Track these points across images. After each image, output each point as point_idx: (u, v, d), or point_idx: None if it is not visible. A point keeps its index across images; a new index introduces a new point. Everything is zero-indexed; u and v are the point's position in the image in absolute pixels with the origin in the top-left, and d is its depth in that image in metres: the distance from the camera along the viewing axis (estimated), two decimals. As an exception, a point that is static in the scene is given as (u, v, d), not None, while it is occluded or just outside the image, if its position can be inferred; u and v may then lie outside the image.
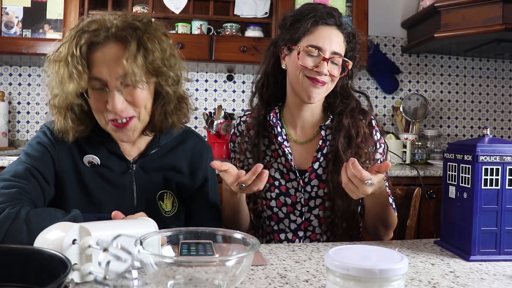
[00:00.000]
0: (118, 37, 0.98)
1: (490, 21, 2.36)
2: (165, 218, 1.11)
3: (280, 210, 1.27)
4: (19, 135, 2.77)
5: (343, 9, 2.56)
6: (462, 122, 3.07)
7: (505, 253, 0.94)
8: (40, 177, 1.02)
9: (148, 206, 1.09)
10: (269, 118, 1.29)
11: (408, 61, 3.02)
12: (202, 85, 2.88)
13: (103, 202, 1.07)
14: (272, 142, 1.30)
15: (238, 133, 1.35)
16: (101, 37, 0.97)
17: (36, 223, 0.87)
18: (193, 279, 0.66)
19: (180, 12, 2.50)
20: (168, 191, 1.14)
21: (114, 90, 0.98)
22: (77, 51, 0.96)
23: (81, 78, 0.95)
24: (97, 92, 0.99)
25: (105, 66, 0.97)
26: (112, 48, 0.98)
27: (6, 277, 0.62)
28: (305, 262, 0.91)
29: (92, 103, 1.01)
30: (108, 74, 0.97)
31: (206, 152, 1.22)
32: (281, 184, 1.28)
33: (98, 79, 0.98)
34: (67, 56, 0.97)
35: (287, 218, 1.27)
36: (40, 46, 2.37)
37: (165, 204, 1.13)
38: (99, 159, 1.08)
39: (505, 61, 3.09)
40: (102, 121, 1.03)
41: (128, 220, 0.88)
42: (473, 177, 0.94)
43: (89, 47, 0.97)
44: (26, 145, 1.09)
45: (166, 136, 1.14)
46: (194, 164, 1.18)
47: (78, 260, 0.71)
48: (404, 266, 0.58)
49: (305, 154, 1.29)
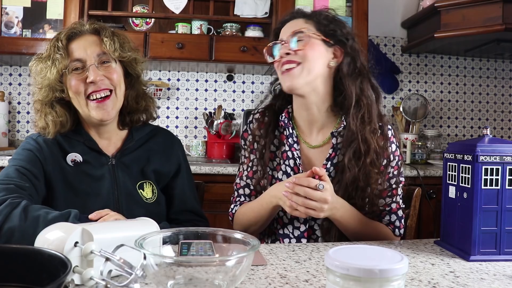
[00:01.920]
0: (93, 30, 1.20)
1: (490, 21, 2.36)
2: (147, 205, 1.20)
3: (285, 215, 1.24)
4: (19, 135, 2.77)
5: (343, 9, 2.56)
6: (462, 122, 3.07)
7: (505, 253, 0.94)
8: (30, 175, 1.10)
9: (130, 195, 1.19)
10: (281, 118, 1.26)
11: (408, 61, 3.02)
12: (202, 85, 2.88)
13: (88, 194, 1.15)
14: (282, 143, 1.27)
15: (250, 131, 1.32)
16: (78, 29, 1.18)
17: (32, 211, 0.96)
18: (193, 279, 0.66)
19: (180, 12, 2.50)
20: (146, 181, 1.23)
21: (93, 65, 1.15)
22: (58, 43, 1.14)
23: (62, 60, 1.13)
24: (77, 72, 1.15)
25: (83, 49, 1.16)
26: (89, 37, 1.18)
27: (6, 277, 0.62)
28: (305, 262, 0.91)
29: (73, 86, 1.15)
30: (86, 54, 1.15)
31: (176, 142, 1.35)
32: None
33: (78, 59, 1.15)
34: (48, 51, 1.16)
35: (291, 224, 1.23)
36: (40, 46, 2.36)
37: (145, 192, 1.22)
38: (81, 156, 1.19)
39: (505, 61, 3.09)
40: (83, 103, 1.16)
41: (129, 221, 0.88)
42: (473, 177, 0.94)
43: (68, 39, 1.16)
44: (13, 155, 1.18)
45: (139, 132, 1.28)
46: (167, 153, 1.29)
47: (79, 263, 0.70)
48: (404, 266, 0.58)
49: (315, 159, 1.25)
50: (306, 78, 1.17)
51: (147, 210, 1.16)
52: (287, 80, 1.17)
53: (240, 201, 1.30)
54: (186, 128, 2.88)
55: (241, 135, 1.36)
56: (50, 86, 1.15)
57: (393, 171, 1.22)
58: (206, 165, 2.19)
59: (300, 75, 1.16)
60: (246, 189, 1.29)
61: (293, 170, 1.24)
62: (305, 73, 1.16)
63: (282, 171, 1.26)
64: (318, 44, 1.18)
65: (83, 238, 0.72)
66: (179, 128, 2.87)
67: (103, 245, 0.69)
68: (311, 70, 1.17)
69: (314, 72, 1.17)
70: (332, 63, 1.20)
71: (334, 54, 1.20)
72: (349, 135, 1.18)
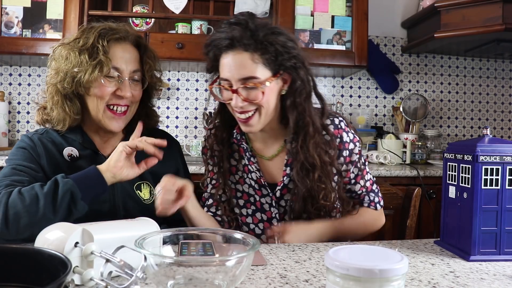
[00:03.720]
0: (136, 42, 1.21)
1: (490, 21, 2.36)
2: (145, 206, 1.20)
3: (257, 226, 1.25)
4: (19, 135, 2.77)
5: (343, 9, 2.56)
6: (462, 122, 3.07)
7: (505, 253, 0.94)
8: (28, 170, 1.11)
9: (128, 196, 1.20)
10: (233, 135, 1.24)
11: (408, 61, 3.02)
12: (202, 85, 2.88)
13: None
14: (242, 157, 1.25)
15: (208, 145, 1.29)
16: (123, 35, 1.18)
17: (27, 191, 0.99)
18: (193, 279, 0.66)
19: (180, 12, 2.50)
20: (144, 182, 1.24)
21: (128, 81, 1.17)
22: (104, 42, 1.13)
23: (107, 65, 1.12)
24: (109, 80, 1.15)
25: (124, 61, 1.17)
26: (130, 48, 1.19)
27: (6, 277, 0.62)
28: (305, 262, 0.91)
29: (100, 91, 1.15)
30: (126, 66, 1.17)
31: (174, 144, 1.34)
32: (256, 200, 1.25)
33: (116, 68, 1.16)
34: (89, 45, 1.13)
35: (264, 234, 1.22)
36: (40, 46, 2.37)
37: (143, 193, 1.22)
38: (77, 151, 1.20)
39: (505, 61, 3.09)
40: (101, 108, 1.16)
41: (129, 222, 0.88)
42: (473, 177, 0.94)
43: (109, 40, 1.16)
44: (9, 155, 1.18)
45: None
46: (165, 154, 1.27)
47: (79, 263, 0.71)
48: (404, 266, 0.58)
49: (274, 168, 1.24)
50: (265, 121, 1.14)
51: (145, 211, 1.16)
52: (246, 128, 1.14)
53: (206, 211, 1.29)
54: (186, 128, 2.88)
55: (201, 150, 1.34)
56: (79, 80, 1.12)
57: (357, 157, 1.23)
58: (206, 165, 2.18)
59: (258, 122, 1.13)
60: (210, 200, 1.30)
61: (257, 183, 1.23)
62: (263, 118, 1.13)
63: (247, 184, 1.25)
64: (271, 86, 1.10)
65: (83, 238, 0.72)
66: (179, 128, 2.87)
67: (103, 245, 0.69)
68: (268, 112, 1.13)
69: (270, 111, 1.13)
70: (283, 91, 1.15)
71: (284, 80, 1.14)
72: (293, 153, 1.16)
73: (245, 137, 1.26)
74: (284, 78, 1.14)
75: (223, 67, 1.11)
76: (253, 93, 1.09)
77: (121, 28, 1.19)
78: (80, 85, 1.13)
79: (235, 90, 1.09)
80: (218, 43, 1.10)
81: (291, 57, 1.10)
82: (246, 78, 1.08)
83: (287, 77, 1.13)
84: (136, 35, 1.22)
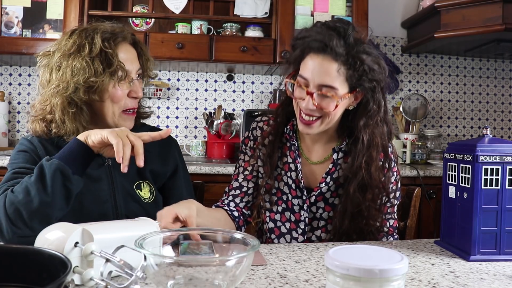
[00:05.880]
0: (133, 41, 1.21)
1: (490, 21, 2.36)
2: (145, 205, 1.20)
3: (284, 225, 1.25)
4: (19, 135, 2.77)
5: (343, 9, 2.56)
6: (462, 122, 3.07)
7: (505, 253, 0.94)
8: (29, 172, 1.08)
9: (128, 195, 1.18)
10: (286, 130, 1.25)
11: (408, 61, 3.02)
12: (202, 85, 2.88)
13: (85, 194, 1.12)
14: (285, 154, 1.26)
15: (252, 137, 1.31)
16: (121, 35, 1.16)
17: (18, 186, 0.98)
18: (193, 279, 0.66)
19: (180, 12, 2.50)
20: (144, 181, 1.23)
21: (138, 80, 1.18)
22: (108, 47, 1.11)
23: (121, 71, 1.12)
24: (122, 82, 1.15)
25: (130, 62, 1.16)
26: (130, 48, 1.19)
27: (6, 277, 0.62)
28: (305, 262, 0.91)
29: (117, 96, 1.14)
30: (132, 67, 1.16)
31: (173, 143, 1.33)
32: (288, 199, 1.25)
33: (127, 70, 1.15)
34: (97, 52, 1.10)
35: (289, 234, 1.24)
36: (40, 46, 2.37)
37: (143, 192, 1.22)
38: None
39: (505, 61, 3.09)
40: (116, 112, 1.16)
41: (129, 221, 0.88)
42: (473, 177, 0.94)
43: (115, 44, 1.14)
44: (9, 159, 1.16)
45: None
46: (164, 153, 1.29)
47: (79, 263, 0.70)
48: (404, 266, 0.58)
49: (315, 173, 1.25)
50: (324, 128, 1.16)
51: (146, 210, 1.17)
52: (304, 129, 1.15)
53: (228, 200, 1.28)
54: (186, 128, 2.88)
55: (242, 140, 1.35)
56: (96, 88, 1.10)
57: (392, 186, 1.24)
58: (206, 165, 2.19)
59: (319, 127, 1.15)
60: (238, 190, 1.29)
61: (294, 183, 1.24)
62: (323, 126, 1.15)
63: (283, 182, 1.26)
64: (344, 102, 1.12)
65: (83, 238, 0.72)
66: (179, 128, 2.87)
67: (103, 245, 0.69)
68: (331, 122, 1.15)
69: (333, 122, 1.15)
70: (351, 107, 1.17)
71: (355, 97, 1.15)
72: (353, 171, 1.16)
73: (296, 135, 1.26)
74: (357, 96, 1.14)
75: (307, 66, 1.11)
76: (325, 102, 1.10)
77: (119, 29, 1.19)
78: (95, 93, 1.11)
79: (310, 93, 1.10)
80: (311, 42, 1.10)
81: (373, 80, 1.11)
82: (325, 85, 1.08)
83: (360, 95, 1.14)
84: (131, 33, 1.22)
